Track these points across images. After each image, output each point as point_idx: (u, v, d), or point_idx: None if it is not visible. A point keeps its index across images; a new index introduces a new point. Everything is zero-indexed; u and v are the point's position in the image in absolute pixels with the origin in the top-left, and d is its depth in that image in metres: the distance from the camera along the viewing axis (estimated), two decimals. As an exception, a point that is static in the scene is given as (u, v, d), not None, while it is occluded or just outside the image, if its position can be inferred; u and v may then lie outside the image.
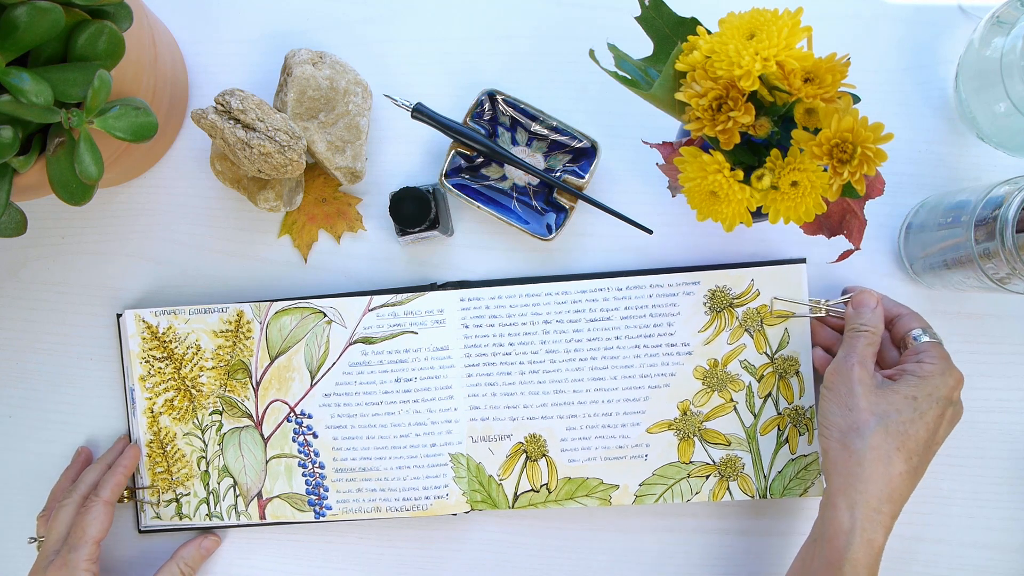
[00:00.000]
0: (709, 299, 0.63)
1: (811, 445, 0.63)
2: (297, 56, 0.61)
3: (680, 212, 0.64)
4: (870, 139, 0.43)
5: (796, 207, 0.46)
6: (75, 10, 0.47)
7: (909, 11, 0.64)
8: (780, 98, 0.45)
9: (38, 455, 0.67)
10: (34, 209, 0.66)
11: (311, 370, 0.64)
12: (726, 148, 0.46)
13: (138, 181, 0.67)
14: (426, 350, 0.64)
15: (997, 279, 0.54)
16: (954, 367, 0.56)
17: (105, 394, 0.67)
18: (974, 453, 0.64)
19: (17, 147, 0.47)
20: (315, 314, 0.64)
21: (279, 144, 0.57)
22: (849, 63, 0.44)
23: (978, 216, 0.53)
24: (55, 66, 0.47)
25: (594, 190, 0.64)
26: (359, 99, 0.63)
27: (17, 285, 0.67)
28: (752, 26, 0.45)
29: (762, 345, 0.63)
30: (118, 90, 0.51)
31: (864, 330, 0.57)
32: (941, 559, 0.64)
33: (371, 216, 0.66)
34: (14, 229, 0.54)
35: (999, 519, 0.64)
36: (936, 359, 0.56)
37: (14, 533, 0.67)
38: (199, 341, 0.65)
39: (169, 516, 0.65)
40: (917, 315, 0.59)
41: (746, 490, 0.63)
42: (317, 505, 0.64)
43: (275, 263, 0.66)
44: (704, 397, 0.63)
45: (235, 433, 0.65)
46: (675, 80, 0.47)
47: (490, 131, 0.64)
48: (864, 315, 0.58)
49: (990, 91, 0.56)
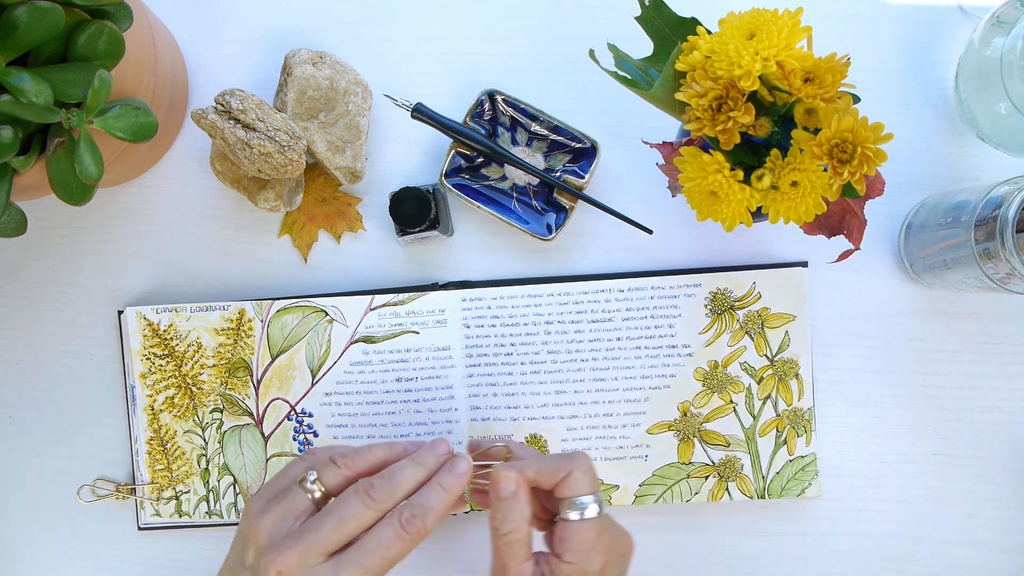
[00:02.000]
0: (710, 301, 0.63)
1: (809, 447, 0.63)
2: (297, 56, 0.61)
3: (680, 212, 0.64)
4: (870, 139, 0.43)
5: (796, 207, 0.46)
6: (75, 10, 0.47)
7: (909, 11, 0.64)
8: (780, 98, 0.45)
9: (38, 455, 0.67)
10: (34, 209, 0.66)
11: (312, 369, 0.64)
12: (726, 148, 0.46)
13: (138, 181, 0.67)
14: (427, 350, 0.64)
15: (997, 279, 0.54)
16: (600, 548, 0.47)
17: (105, 392, 0.67)
18: (974, 453, 0.64)
19: (17, 147, 0.47)
20: (316, 313, 0.64)
21: (279, 144, 0.57)
22: (849, 63, 0.44)
23: (978, 216, 0.53)
24: (55, 66, 0.47)
25: (594, 190, 0.64)
26: (359, 99, 0.63)
27: (17, 285, 0.68)
28: (752, 26, 0.45)
29: (762, 347, 0.63)
30: (118, 90, 0.51)
31: (511, 539, 0.47)
32: (941, 559, 0.64)
33: (371, 216, 0.66)
34: (14, 229, 0.54)
35: (999, 519, 0.64)
36: (576, 552, 0.47)
37: (14, 533, 0.67)
38: (200, 339, 0.65)
39: (169, 514, 0.65)
40: (582, 471, 0.48)
41: (745, 491, 0.63)
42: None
43: (275, 263, 0.66)
44: (704, 398, 0.63)
45: (235, 431, 0.65)
46: (675, 80, 0.47)
47: (490, 131, 0.64)
48: (504, 512, 0.47)
49: (990, 91, 0.56)
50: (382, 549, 0.44)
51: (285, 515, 0.45)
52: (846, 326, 0.64)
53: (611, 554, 0.48)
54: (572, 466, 0.48)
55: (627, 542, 0.51)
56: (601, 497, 0.49)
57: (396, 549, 0.44)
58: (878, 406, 0.64)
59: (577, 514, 0.48)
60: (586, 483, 0.48)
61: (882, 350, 0.64)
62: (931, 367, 0.64)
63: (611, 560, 0.48)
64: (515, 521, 0.47)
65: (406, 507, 0.45)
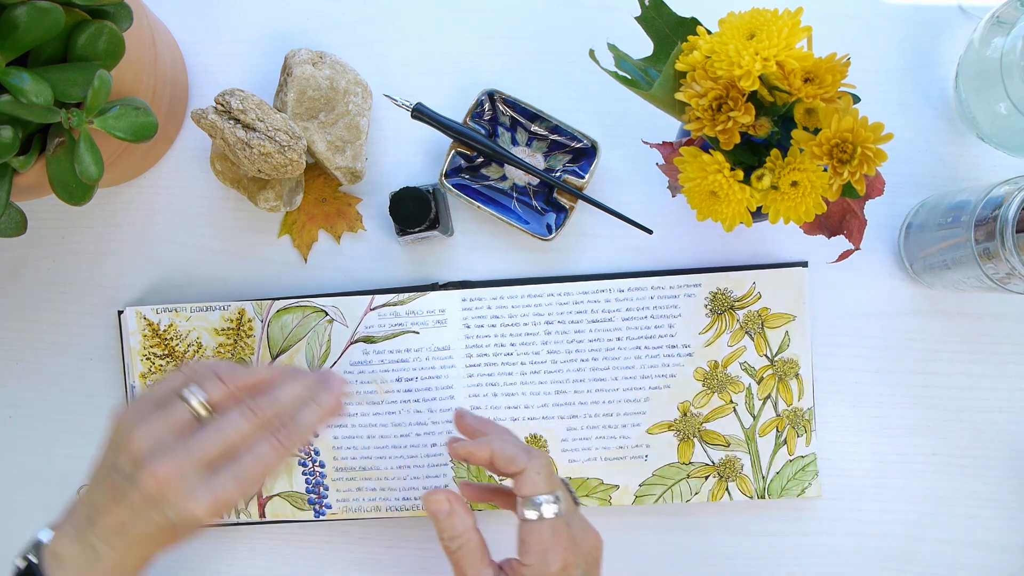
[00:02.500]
0: (710, 301, 0.63)
1: (809, 447, 0.63)
2: (297, 56, 0.61)
3: (680, 212, 0.64)
4: (870, 139, 0.43)
5: (796, 207, 0.46)
6: (75, 10, 0.47)
7: (909, 11, 0.64)
8: (780, 98, 0.45)
9: (38, 454, 0.67)
10: (34, 209, 0.66)
11: (312, 369, 0.64)
12: (726, 148, 0.46)
13: (138, 181, 0.67)
14: (427, 350, 0.64)
15: (997, 279, 0.54)
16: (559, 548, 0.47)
17: (105, 392, 0.67)
18: (974, 453, 0.64)
19: (17, 147, 0.47)
20: (317, 313, 0.64)
21: (279, 144, 0.57)
22: (849, 63, 0.44)
23: (978, 216, 0.53)
24: (55, 66, 0.47)
25: (594, 190, 0.64)
26: (359, 99, 0.63)
27: (17, 285, 0.68)
28: (752, 26, 0.45)
29: (762, 347, 0.63)
30: (118, 90, 0.51)
31: (463, 550, 0.48)
32: (941, 559, 0.64)
33: (371, 216, 0.66)
34: (14, 229, 0.54)
35: (999, 519, 0.64)
36: (534, 553, 0.47)
37: (14, 533, 0.67)
38: (200, 339, 0.65)
39: (169, 516, 0.65)
40: (535, 471, 0.48)
41: (745, 491, 0.63)
42: (317, 504, 0.64)
43: (275, 263, 0.66)
44: (704, 398, 0.63)
45: (235, 433, 0.65)
46: (675, 80, 0.47)
47: (490, 131, 0.64)
48: (448, 529, 0.48)
49: (990, 91, 0.56)
50: (257, 462, 0.44)
51: (164, 426, 0.44)
52: (846, 326, 0.64)
53: (572, 554, 0.47)
54: (527, 464, 0.48)
55: (593, 541, 0.50)
56: (560, 496, 0.48)
57: (271, 461, 0.44)
58: (878, 406, 0.64)
59: (534, 513, 0.48)
60: (540, 482, 0.48)
61: (882, 350, 0.64)
62: (931, 367, 0.64)
63: (573, 560, 0.47)
64: (461, 533, 0.48)
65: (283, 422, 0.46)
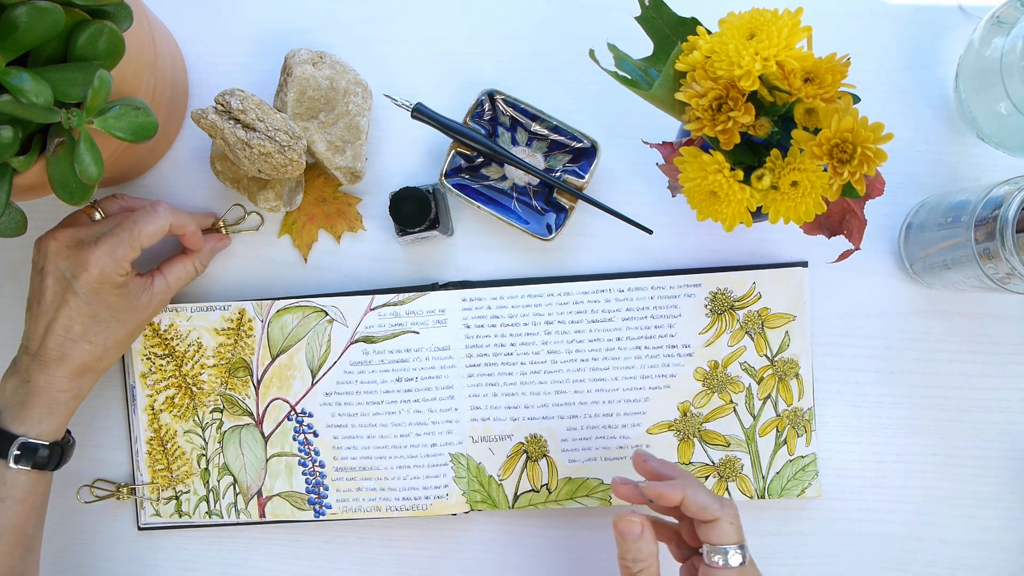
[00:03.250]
0: (710, 301, 0.63)
1: (809, 447, 0.63)
2: (297, 56, 0.61)
3: (680, 212, 0.64)
4: (870, 139, 0.43)
5: (796, 207, 0.46)
6: (75, 10, 0.47)
7: (909, 11, 0.64)
8: (780, 98, 0.45)
9: (39, 454, 0.67)
10: (34, 209, 0.66)
11: (312, 369, 0.64)
12: (726, 148, 0.46)
13: (138, 181, 0.67)
14: (427, 350, 0.64)
15: (997, 279, 0.54)
16: None
17: (105, 392, 0.67)
18: (974, 453, 0.64)
19: (17, 147, 0.47)
20: (317, 313, 0.64)
21: (279, 144, 0.57)
22: (849, 63, 0.44)
23: (978, 216, 0.53)
24: (55, 66, 0.47)
25: (594, 190, 0.64)
26: (359, 99, 0.63)
27: (17, 285, 0.67)
28: (752, 26, 0.45)
29: (762, 347, 0.63)
30: (118, 90, 0.51)
31: (640, 569, 0.50)
32: (941, 559, 0.64)
33: (371, 216, 0.66)
34: (14, 229, 0.54)
35: (999, 519, 0.64)
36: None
37: (15, 532, 0.67)
38: (200, 339, 0.65)
39: (168, 513, 0.65)
40: (729, 522, 0.51)
41: (745, 491, 0.63)
42: (317, 504, 0.64)
43: (275, 263, 0.66)
44: (704, 398, 0.63)
45: (235, 431, 0.65)
46: (675, 80, 0.47)
47: (490, 131, 0.64)
48: (634, 552, 0.51)
49: (990, 91, 0.56)
50: (124, 231, 0.57)
51: (71, 225, 0.59)
52: (846, 326, 0.64)
53: None
54: (719, 514, 0.51)
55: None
56: (746, 546, 0.51)
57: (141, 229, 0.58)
58: (878, 406, 0.64)
59: (720, 559, 0.50)
60: (732, 533, 0.51)
61: (882, 350, 0.64)
62: (931, 367, 0.64)
63: None
64: (645, 558, 0.51)
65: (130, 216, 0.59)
